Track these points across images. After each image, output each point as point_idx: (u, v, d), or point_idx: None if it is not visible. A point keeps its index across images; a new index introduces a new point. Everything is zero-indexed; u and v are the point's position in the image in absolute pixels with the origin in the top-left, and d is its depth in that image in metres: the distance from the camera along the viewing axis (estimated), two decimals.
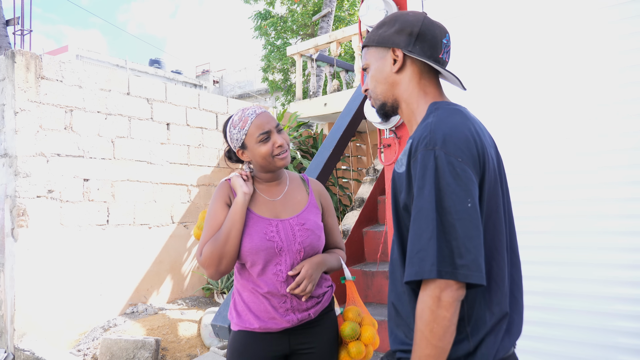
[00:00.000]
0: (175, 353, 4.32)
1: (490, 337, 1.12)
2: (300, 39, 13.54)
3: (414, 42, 1.24)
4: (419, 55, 1.24)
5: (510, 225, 1.27)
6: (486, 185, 1.14)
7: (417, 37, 1.24)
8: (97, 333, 4.57)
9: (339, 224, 5.99)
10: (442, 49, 1.26)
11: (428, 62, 1.24)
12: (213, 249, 1.60)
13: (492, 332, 1.13)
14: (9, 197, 4.33)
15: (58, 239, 4.53)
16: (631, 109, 2.27)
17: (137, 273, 5.21)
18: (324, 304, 1.72)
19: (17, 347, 4.16)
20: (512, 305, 1.22)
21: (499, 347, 1.13)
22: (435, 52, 1.25)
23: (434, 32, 1.25)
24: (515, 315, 1.21)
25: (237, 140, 1.70)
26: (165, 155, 5.56)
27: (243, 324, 1.67)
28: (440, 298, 1.03)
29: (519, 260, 1.29)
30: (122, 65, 20.38)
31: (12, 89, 4.33)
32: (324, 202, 1.84)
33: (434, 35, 1.25)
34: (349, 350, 1.73)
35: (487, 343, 1.12)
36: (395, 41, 1.26)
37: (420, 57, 1.24)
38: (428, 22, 1.26)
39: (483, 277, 1.04)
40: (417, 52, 1.24)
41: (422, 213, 1.07)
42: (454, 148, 1.09)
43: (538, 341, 2.41)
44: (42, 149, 4.47)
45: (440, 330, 1.03)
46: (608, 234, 2.31)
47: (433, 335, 1.03)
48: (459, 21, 2.73)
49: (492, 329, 1.13)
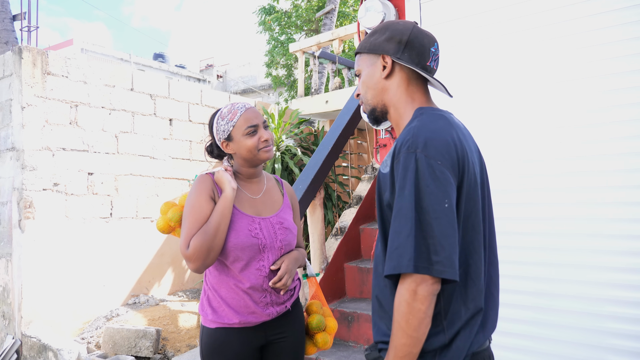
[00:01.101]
0: (175, 343, 4.45)
1: (465, 331, 1.19)
2: (304, 34, 13.57)
3: (402, 50, 1.31)
4: (407, 62, 1.30)
5: (490, 226, 1.33)
6: (465, 188, 1.20)
7: (405, 44, 1.30)
8: (100, 322, 4.70)
9: (336, 220, 6.07)
10: (430, 57, 1.32)
11: (415, 69, 1.30)
12: (203, 241, 1.60)
13: (466, 326, 1.19)
14: (16, 189, 4.45)
15: (63, 230, 4.66)
16: (622, 114, 2.34)
17: (139, 265, 5.34)
18: (295, 296, 1.82)
19: (24, 334, 4.29)
20: (489, 302, 1.28)
21: (473, 341, 1.20)
22: (423, 60, 1.31)
23: (422, 40, 1.31)
24: (490, 312, 1.28)
25: (224, 131, 1.74)
26: (168, 150, 5.66)
27: (221, 319, 1.69)
28: (416, 292, 1.10)
29: (497, 259, 1.36)
30: (126, 59, 20.46)
31: (20, 84, 4.44)
32: (294, 205, 1.93)
33: (422, 44, 1.31)
34: (316, 340, 1.85)
35: (462, 337, 1.18)
36: (385, 48, 1.33)
37: (408, 64, 1.30)
38: (417, 31, 1.32)
39: (456, 273, 1.11)
40: (405, 59, 1.30)
41: (402, 212, 1.14)
42: (435, 152, 1.15)
43: (531, 340, 2.48)
44: (48, 143, 4.58)
45: (416, 321, 1.10)
46: (601, 237, 2.38)
47: (409, 326, 1.11)
48: (455, 25, 2.81)
49: (466, 323, 1.19)
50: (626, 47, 2.30)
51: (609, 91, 2.36)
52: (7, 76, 4.64)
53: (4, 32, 7.50)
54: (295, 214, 1.91)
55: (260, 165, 1.83)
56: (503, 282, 2.49)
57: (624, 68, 2.31)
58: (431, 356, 1.18)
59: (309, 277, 1.99)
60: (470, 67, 2.74)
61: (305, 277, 2.00)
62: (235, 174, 1.81)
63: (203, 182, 1.72)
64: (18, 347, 4.31)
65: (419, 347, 1.13)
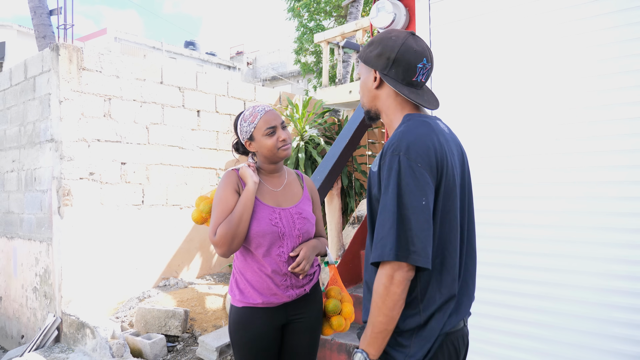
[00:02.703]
0: (202, 323, 4.72)
1: (439, 313, 1.36)
2: (333, 20, 13.57)
3: (390, 67, 1.44)
4: (392, 78, 1.44)
5: (469, 222, 1.49)
6: (443, 188, 1.35)
7: (393, 62, 1.43)
8: (133, 303, 5.03)
9: (355, 209, 6.20)
10: (417, 72, 1.44)
11: (395, 88, 1.43)
12: (227, 229, 1.80)
13: (440, 310, 1.36)
14: (55, 178, 4.77)
15: (98, 217, 4.98)
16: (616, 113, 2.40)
17: (169, 250, 5.64)
18: (314, 281, 2.00)
19: (64, 312, 4.65)
20: (463, 289, 1.44)
21: (446, 322, 1.37)
22: (408, 76, 1.44)
23: (409, 58, 1.42)
24: (464, 298, 1.44)
25: (246, 132, 1.95)
26: (196, 140, 5.91)
27: (246, 300, 1.90)
28: (393, 277, 1.27)
29: (475, 253, 1.52)
30: (158, 47, 20.89)
31: (57, 79, 4.73)
32: (313, 197, 2.11)
33: (408, 61, 1.42)
34: (332, 323, 2.02)
35: (436, 318, 1.35)
36: (375, 64, 1.47)
37: (394, 80, 1.43)
38: (404, 49, 1.42)
39: (429, 262, 1.27)
40: (392, 75, 1.44)
41: (386, 207, 1.31)
42: (415, 155, 1.31)
43: (534, 341, 2.57)
44: (84, 135, 4.88)
45: (391, 302, 1.28)
46: (601, 237, 2.44)
47: (385, 306, 1.28)
48: (464, 24, 2.87)
49: (440, 307, 1.36)
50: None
51: (605, 91, 2.40)
52: (45, 72, 4.95)
53: (41, 27, 7.87)
54: (315, 206, 2.11)
55: (281, 162, 2.02)
56: (506, 285, 2.62)
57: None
58: (409, 335, 1.35)
59: (330, 264, 2.16)
60: (480, 66, 2.79)
61: (326, 264, 2.17)
62: (258, 169, 2.01)
63: (229, 177, 1.93)
64: (59, 324, 4.67)
65: (393, 325, 1.31)
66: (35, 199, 5.17)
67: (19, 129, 5.49)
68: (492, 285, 2.67)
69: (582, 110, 2.49)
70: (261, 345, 1.91)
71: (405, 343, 1.35)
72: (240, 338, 1.92)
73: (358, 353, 1.34)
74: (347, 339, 3.41)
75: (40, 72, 5.05)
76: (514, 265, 2.64)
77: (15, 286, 5.57)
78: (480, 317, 2.60)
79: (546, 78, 2.59)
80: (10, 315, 5.69)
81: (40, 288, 5.05)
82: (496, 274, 2.68)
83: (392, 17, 2.87)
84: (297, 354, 1.99)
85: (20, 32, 16.96)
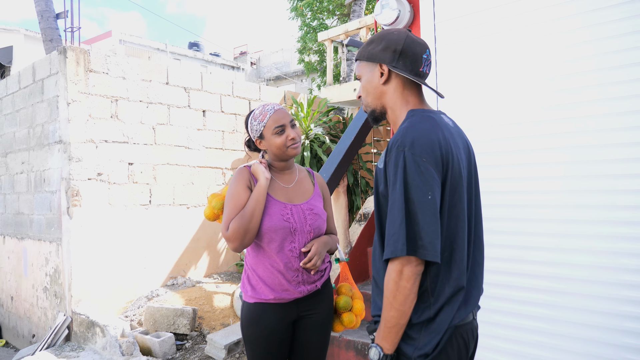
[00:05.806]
0: (210, 322, 4.76)
1: (448, 306, 1.37)
2: (337, 19, 13.58)
3: (397, 58, 1.46)
4: (401, 70, 1.46)
5: (476, 216, 1.50)
6: (449, 182, 1.37)
7: (400, 53, 1.46)
8: (141, 302, 5.07)
9: (361, 206, 6.23)
10: (423, 63, 1.47)
11: (409, 76, 1.45)
12: (240, 224, 1.82)
13: (449, 303, 1.37)
14: (64, 179, 4.82)
15: (107, 217, 5.02)
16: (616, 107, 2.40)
17: (177, 249, 5.68)
18: (325, 277, 2.02)
19: (74, 311, 4.70)
20: (471, 282, 1.45)
21: (455, 315, 1.38)
22: (416, 67, 1.47)
23: (415, 49, 1.46)
24: (473, 290, 1.45)
25: (257, 131, 1.98)
26: (202, 140, 5.95)
27: (258, 295, 1.92)
28: (402, 272, 1.29)
29: (483, 245, 1.53)
30: (162, 49, 21.00)
31: (65, 81, 4.78)
32: (324, 194, 2.13)
33: (415, 52, 1.46)
34: (342, 319, 2.04)
35: (445, 311, 1.36)
36: (382, 57, 1.48)
37: (403, 72, 1.46)
38: (409, 41, 1.47)
39: (437, 255, 1.29)
40: (400, 67, 1.46)
41: (395, 204, 1.32)
42: (420, 150, 1.32)
43: (543, 336, 2.57)
44: (91, 136, 4.93)
45: (402, 297, 1.29)
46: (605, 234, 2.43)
47: (396, 300, 1.30)
48: (468, 19, 2.87)
49: (449, 300, 1.37)
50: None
51: (606, 84, 2.39)
52: (53, 74, 5.00)
53: (48, 30, 7.93)
54: (326, 202, 2.13)
55: (292, 159, 2.04)
56: (515, 280, 2.62)
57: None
58: (419, 327, 1.37)
59: (340, 261, 2.18)
60: (485, 61, 2.79)
61: (337, 261, 2.19)
62: (269, 166, 2.03)
63: (241, 174, 1.96)
64: (69, 323, 4.72)
65: (405, 319, 1.32)
66: (44, 200, 5.22)
67: (28, 131, 5.55)
68: (501, 281, 2.68)
69: (594, 103, 2.47)
70: (273, 340, 1.93)
71: (415, 336, 1.36)
72: (252, 334, 1.94)
73: (373, 347, 1.36)
74: (355, 336, 3.43)
75: (48, 75, 5.10)
76: (522, 260, 2.64)
77: (26, 286, 5.63)
78: (489, 312, 2.61)
79: (554, 71, 2.57)
80: (21, 315, 5.76)
81: (51, 288, 5.10)
82: (505, 269, 2.68)
83: (397, 14, 2.87)
84: (308, 349, 2.01)
85: (27, 36, 17.10)
